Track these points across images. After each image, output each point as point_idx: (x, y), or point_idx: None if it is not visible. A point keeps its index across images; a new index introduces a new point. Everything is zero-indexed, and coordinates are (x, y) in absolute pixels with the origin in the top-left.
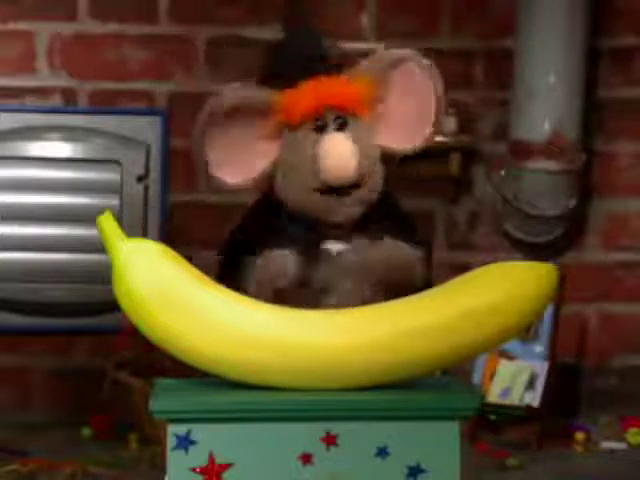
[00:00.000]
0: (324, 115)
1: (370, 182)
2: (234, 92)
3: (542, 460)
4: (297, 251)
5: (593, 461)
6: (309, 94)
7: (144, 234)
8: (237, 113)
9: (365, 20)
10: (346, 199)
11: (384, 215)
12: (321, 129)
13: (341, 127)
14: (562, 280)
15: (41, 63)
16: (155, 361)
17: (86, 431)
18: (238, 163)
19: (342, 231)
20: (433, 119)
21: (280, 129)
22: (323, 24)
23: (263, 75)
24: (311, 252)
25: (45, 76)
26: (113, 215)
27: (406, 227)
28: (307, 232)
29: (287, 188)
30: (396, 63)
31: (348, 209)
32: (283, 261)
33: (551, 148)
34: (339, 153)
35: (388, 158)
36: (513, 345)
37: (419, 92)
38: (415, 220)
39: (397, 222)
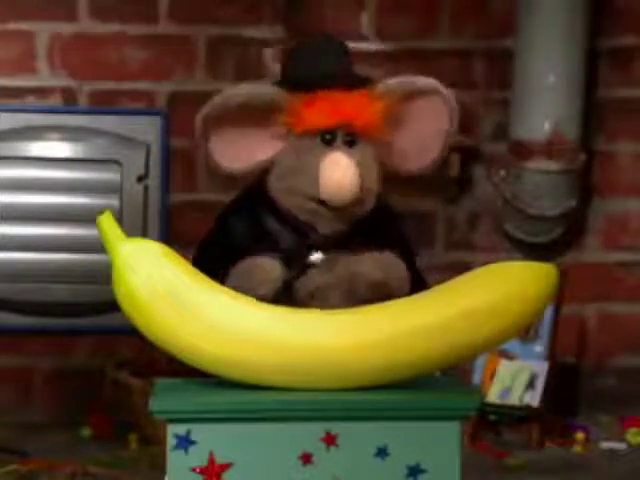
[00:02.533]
0: (335, 130)
1: (365, 200)
2: (246, 88)
3: (542, 460)
4: (282, 258)
5: (593, 461)
6: (324, 107)
7: (144, 234)
8: (247, 107)
9: (365, 20)
10: (337, 214)
11: (375, 230)
12: (329, 142)
13: (349, 143)
14: (562, 280)
15: (41, 63)
16: (155, 361)
17: (86, 431)
18: (239, 152)
19: (328, 241)
20: (442, 148)
21: (286, 131)
22: (323, 24)
23: (282, 76)
24: (296, 260)
25: (45, 76)
26: (113, 215)
27: (394, 243)
28: (295, 237)
29: (282, 190)
30: (418, 93)
31: (337, 224)
32: (268, 267)
33: (551, 148)
34: (342, 176)
35: (389, 175)
36: (513, 345)
37: (434, 124)
38: (408, 238)
39: (385, 239)
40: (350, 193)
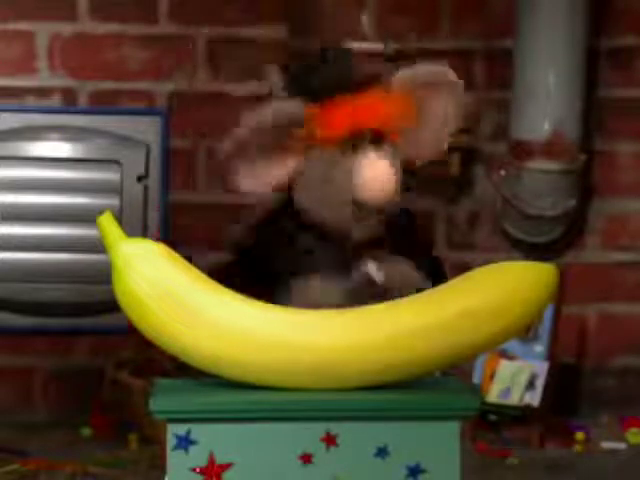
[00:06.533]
0: (361, 134)
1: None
2: (275, 108)
3: (542, 460)
4: (330, 277)
5: (593, 461)
6: (349, 112)
7: (144, 234)
8: (270, 129)
9: (365, 20)
10: (373, 217)
11: (397, 233)
12: (356, 146)
13: (377, 144)
14: (562, 280)
15: (41, 63)
16: (155, 361)
17: (86, 431)
18: (259, 171)
19: (362, 249)
20: (448, 136)
21: (309, 142)
22: (323, 24)
23: (294, 89)
24: (344, 276)
25: (45, 76)
26: (113, 215)
27: (416, 247)
28: (335, 252)
29: (314, 201)
30: (429, 82)
31: (371, 228)
32: (319, 290)
33: (551, 148)
34: (381, 175)
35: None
36: (513, 345)
37: (444, 111)
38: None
39: (408, 241)
40: (390, 191)
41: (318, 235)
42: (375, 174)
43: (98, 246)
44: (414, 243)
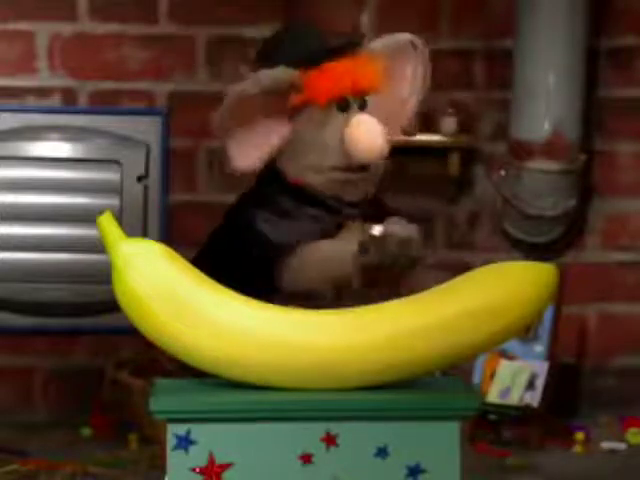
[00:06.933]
0: (348, 97)
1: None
2: (263, 74)
3: (542, 460)
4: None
5: (593, 461)
6: (334, 76)
7: (144, 234)
8: (261, 96)
9: (365, 20)
10: (365, 177)
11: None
12: (344, 109)
13: (361, 107)
14: (562, 280)
15: (41, 63)
16: (155, 361)
17: (86, 431)
18: (253, 144)
19: (356, 211)
20: (417, 102)
21: (298, 108)
22: (323, 24)
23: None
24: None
25: (45, 76)
26: (113, 215)
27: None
28: (324, 214)
29: (303, 168)
30: (396, 49)
31: (363, 189)
32: (340, 248)
33: (551, 148)
34: (372, 134)
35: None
36: (513, 345)
37: (411, 79)
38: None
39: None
40: (382, 148)
41: (307, 200)
42: (367, 130)
43: (98, 246)
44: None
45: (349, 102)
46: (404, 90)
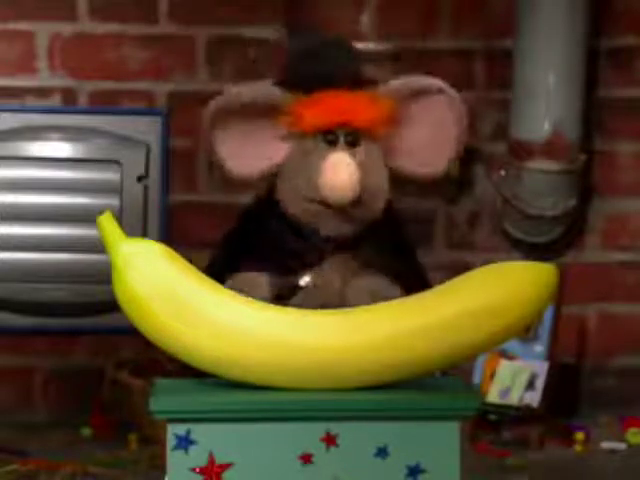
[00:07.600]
0: (336, 130)
1: (371, 202)
2: (249, 88)
3: (542, 460)
4: (272, 275)
5: (593, 461)
6: (323, 107)
7: (144, 234)
8: (250, 109)
9: (365, 20)
10: (340, 216)
11: (380, 239)
12: (331, 142)
13: (352, 144)
14: (562, 280)
15: (41, 63)
16: (155, 361)
17: (86, 431)
18: (247, 157)
19: (331, 246)
20: (455, 149)
21: (288, 132)
22: (323, 24)
23: (284, 75)
24: (299, 266)
25: (45, 76)
26: (113, 215)
27: (398, 257)
28: (299, 241)
29: (287, 192)
30: (421, 92)
31: (341, 226)
32: (257, 284)
33: (551, 148)
34: (341, 174)
35: (406, 180)
36: (513, 345)
37: (441, 123)
38: (413, 246)
39: (390, 250)
40: (350, 193)
41: (288, 224)
42: (335, 174)
43: (98, 246)
44: (397, 250)
45: (337, 135)
46: (431, 134)
